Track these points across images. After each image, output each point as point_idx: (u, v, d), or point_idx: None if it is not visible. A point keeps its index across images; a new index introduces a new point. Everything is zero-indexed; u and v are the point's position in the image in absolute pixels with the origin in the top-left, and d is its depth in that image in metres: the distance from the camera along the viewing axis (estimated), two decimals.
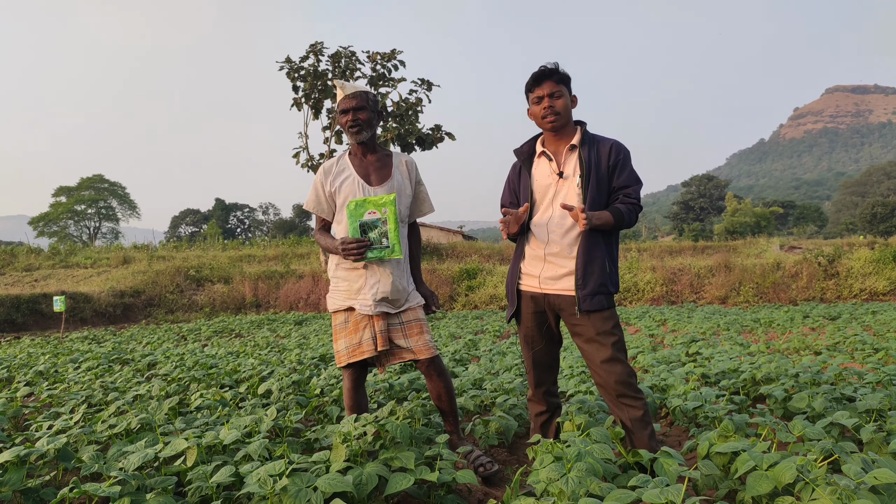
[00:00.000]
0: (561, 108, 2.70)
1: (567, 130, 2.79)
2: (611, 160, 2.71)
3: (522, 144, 2.93)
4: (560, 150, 2.79)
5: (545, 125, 2.75)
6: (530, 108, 2.80)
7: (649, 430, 2.64)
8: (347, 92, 2.99)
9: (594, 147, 2.74)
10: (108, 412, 3.85)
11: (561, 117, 2.71)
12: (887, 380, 4.07)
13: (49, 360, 7.76)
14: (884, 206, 59.99)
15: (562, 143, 2.79)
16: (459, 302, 19.23)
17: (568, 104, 2.74)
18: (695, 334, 8.39)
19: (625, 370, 2.64)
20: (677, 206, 75.37)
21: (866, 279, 17.06)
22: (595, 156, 2.71)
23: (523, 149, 2.91)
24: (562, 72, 2.72)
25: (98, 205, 59.80)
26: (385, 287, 2.94)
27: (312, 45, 21.47)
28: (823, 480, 1.90)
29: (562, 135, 2.78)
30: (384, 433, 2.65)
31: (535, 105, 2.76)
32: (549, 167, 2.78)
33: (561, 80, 2.72)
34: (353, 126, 2.99)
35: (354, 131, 3.00)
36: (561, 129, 2.76)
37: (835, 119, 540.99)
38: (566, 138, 2.79)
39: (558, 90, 2.71)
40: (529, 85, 2.77)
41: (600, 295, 2.65)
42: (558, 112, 2.70)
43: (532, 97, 2.76)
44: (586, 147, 2.73)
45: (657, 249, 28.73)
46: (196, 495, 2.33)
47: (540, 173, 2.81)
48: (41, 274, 23.08)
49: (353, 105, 2.97)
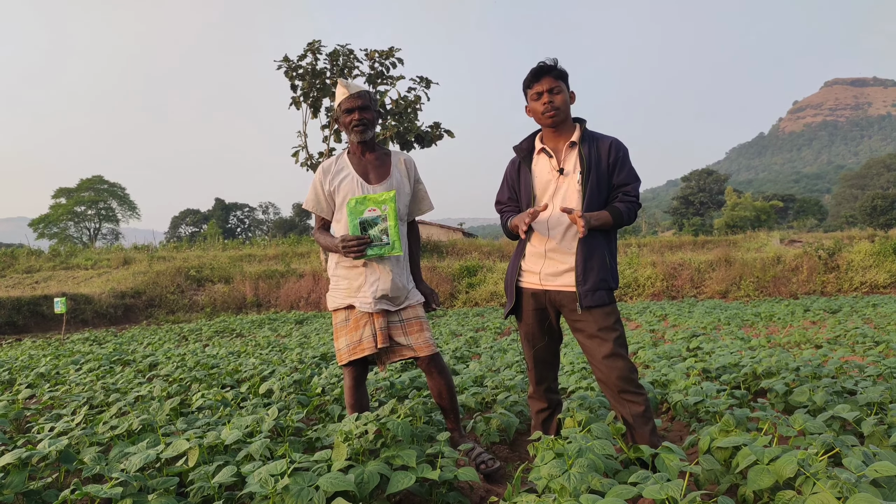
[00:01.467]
0: (560, 103, 2.71)
1: (566, 126, 2.79)
2: (611, 158, 2.72)
3: (521, 141, 2.93)
4: (560, 146, 2.79)
5: (544, 121, 2.75)
6: (529, 105, 2.80)
7: (651, 426, 2.66)
8: (352, 91, 3.00)
9: (594, 144, 2.74)
10: (109, 413, 3.86)
11: (560, 112, 2.71)
12: (888, 373, 4.07)
13: (50, 361, 7.77)
14: (884, 198, 59.96)
15: (561, 139, 2.79)
16: (460, 299, 19.23)
17: (567, 100, 2.74)
18: (695, 329, 8.40)
19: (626, 366, 2.65)
20: (677, 200, 75.30)
21: (867, 272, 17.06)
22: (595, 153, 2.72)
23: (522, 145, 2.90)
24: (560, 68, 2.73)
25: (98, 206, 59.78)
26: (385, 284, 2.94)
27: (310, 44, 21.44)
28: (824, 474, 1.90)
29: (561, 131, 2.78)
30: (385, 431, 2.65)
31: (533, 101, 2.76)
32: (549, 164, 2.78)
33: (559, 76, 2.73)
34: (359, 125, 2.99)
35: (360, 130, 3.00)
36: (560, 124, 2.76)
37: (834, 112, 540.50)
38: (565, 135, 2.79)
39: (557, 86, 2.71)
40: (528, 81, 2.76)
41: (601, 290, 2.67)
42: (558, 107, 2.70)
43: (531, 93, 2.76)
44: (586, 144, 2.73)
45: (657, 244, 28.73)
46: (198, 496, 2.33)
47: (540, 170, 2.81)
48: (42, 276, 23.10)
49: (359, 104, 2.98)
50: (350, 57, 21.75)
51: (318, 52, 21.56)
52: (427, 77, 22.10)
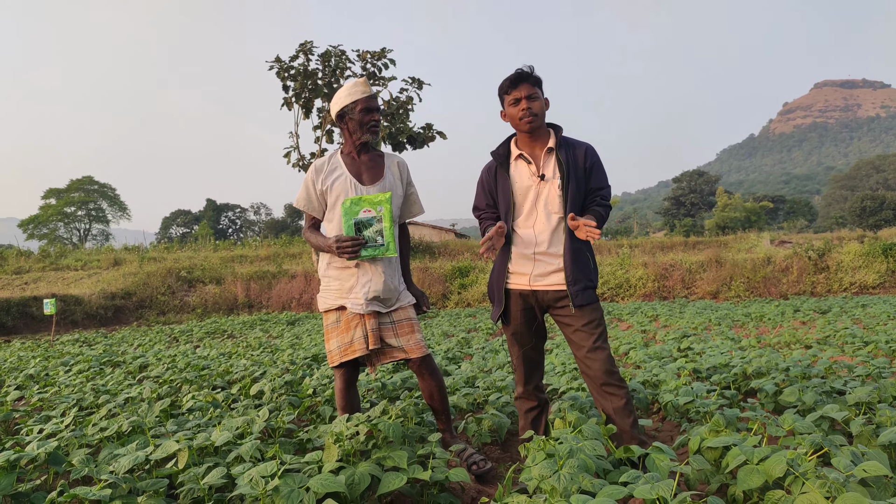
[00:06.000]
0: (538, 109, 2.78)
1: (541, 132, 2.86)
2: (586, 163, 2.83)
3: (498, 146, 2.98)
4: (537, 152, 2.86)
5: (522, 126, 2.81)
6: (506, 110, 2.86)
7: (632, 419, 2.73)
8: (371, 92, 3.03)
9: (570, 150, 2.83)
10: (99, 415, 3.83)
11: (538, 119, 2.78)
12: (876, 373, 4.09)
13: (40, 363, 7.71)
14: (873, 199, 60.36)
15: (537, 145, 2.86)
16: (452, 300, 19.23)
17: (542, 106, 2.82)
18: (686, 329, 8.43)
19: (608, 357, 2.76)
20: (668, 201, 75.57)
21: (856, 273, 17.17)
22: (572, 158, 2.81)
23: (500, 150, 2.96)
24: (536, 75, 2.80)
25: (88, 206, 59.42)
26: (377, 286, 2.94)
27: (302, 45, 21.38)
28: (813, 474, 1.91)
29: (537, 136, 2.85)
30: (377, 432, 2.65)
31: (511, 107, 2.81)
32: (528, 170, 2.85)
33: (536, 83, 2.80)
34: (376, 126, 3.03)
35: (375, 131, 3.03)
36: (537, 129, 2.82)
37: (824, 114, 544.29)
38: (541, 140, 2.86)
39: (534, 92, 2.78)
40: (506, 87, 2.82)
41: (589, 290, 2.79)
42: (535, 114, 2.77)
43: (509, 99, 2.81)
44: (563, 150, 2.82)
45: (648, 245, 28.85)
46: (188, 497, 2.31)
47: (520, 175, 2.87)
48: (31, 277, 22.92)
49: (376, 106, 3.02)
50: (342, 58, 21.70)
51: (310, 52, 21.50)
52: (419, 78, 22.08)
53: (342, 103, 3.00)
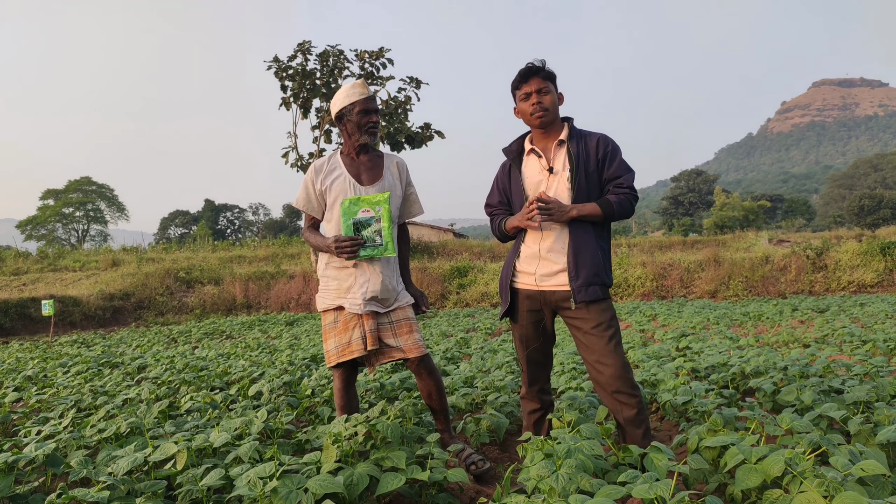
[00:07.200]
0: (549, 104, 2.72)
1: (555, 127, 2.80)
2: (599, 153, 2.73)
3: (511, 143, 2.94)
4: (548, 146, 2.80)
5: (533, 122, 2.76)
6: (518, 106, 2.81)
7: (643, 429, 2.63)
8: (370, 93, 3.03)
9: (582, 141, 2.76)
10: (97, 416, 3.82)
11: (549, 113, 2.73)
12: (875, 371, 4.10)
13: (38, 364, 7.70)
14: (871, 198, 60.43)
15: (550, 139, 2.81)
16: (451, 300, 19.23)
17: (555, 100, 2.76)
18: (685, 329, 8.43)
19: (621, 364, 2.62)
20: (667, 201, 75.66)
21: (854, 271, 17.19)
22: (583, 150, 2.73)
23: (512, 147, 2.92)
24: (548, 69, 2.74)
25: (86, 207, 59.30)
26: (375, 286, 2.94)
27: (300, 45, 21.37)
28: (811, 473, 1.91)
29: (550, 131, 2.80)
30: (375, 433, 2.65)
31: (522, 102, 2.77)
32: (539, 164, 2.80)
33: (548, 77, 2.74)
34: (375, 127, 3.03)
35: (374, 132, 3.03)
36: (549, 125, 2.77)
37: (822, 112, 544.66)
38: (554, 134, 2.80)
39: (545, 86, 2.72)
40: (517, 82, 2.78)
41: (594, 286, 2.66)
42: (546, 108, 2.71)
43: (520, 94, 2.77)
44: (574, 141, 2.75)
45: (647, 244, 28.85)
46: (186, 499, 2.31)
47: (530, 170, 2.82)
48: (29, 278, 22.88)
49: (374, 107, 3.01)
50: (340, 57, 21.69)
51: (309, 52, 21.50)
52: (417, 77, 22.08)
53: (340, 105, 3.00)
